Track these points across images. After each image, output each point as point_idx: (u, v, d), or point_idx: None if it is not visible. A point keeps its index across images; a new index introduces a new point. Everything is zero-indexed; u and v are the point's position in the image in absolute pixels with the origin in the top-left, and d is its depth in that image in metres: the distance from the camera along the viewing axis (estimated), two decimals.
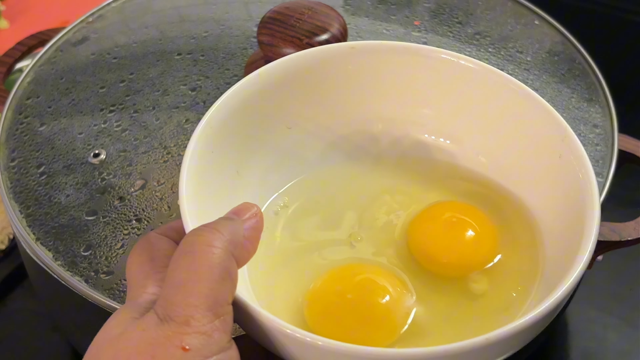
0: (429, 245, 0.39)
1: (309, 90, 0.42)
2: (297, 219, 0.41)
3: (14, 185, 0.48)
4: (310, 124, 0.43)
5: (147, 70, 0.54)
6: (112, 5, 0.61)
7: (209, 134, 0.38)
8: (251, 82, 0.40)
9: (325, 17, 0.48)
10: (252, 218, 0.33)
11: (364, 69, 0.42)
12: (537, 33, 0.58)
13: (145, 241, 0.34)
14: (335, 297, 0.37)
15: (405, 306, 0.37)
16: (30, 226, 0.46)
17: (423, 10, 0.59)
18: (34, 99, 0.54)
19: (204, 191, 0.37)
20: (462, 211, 0.40)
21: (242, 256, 0.32)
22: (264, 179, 0.41)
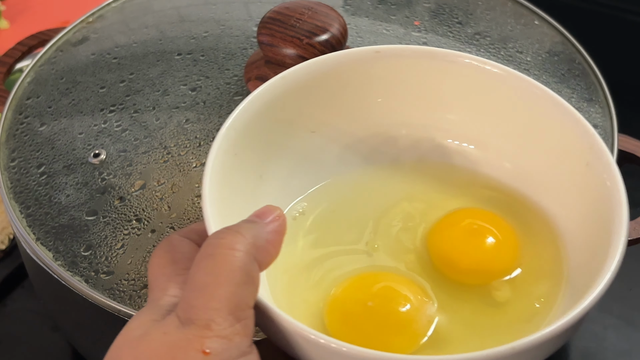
0: (450, 252, 0.39)
1: (332, 94, 0.42)
2: (317, 225, 0.41)
3: (14, 185, 0.48)
4: (333, 128, 0.43)
5: (147, 70, 0.54)
6: (112, 5, 0.61)
7: (232, 136, 0.38)
8: (275, 85, 0.40)
9: (325, 17, 0.48)
10: (275, 221, 0.33)
11: (388, 73, 0.42)
12: (537, 33, 0.58)
13: (166, 243, 0.34)
14: (356, 304, 0.37)
15: (426, 314, 0.36)
16: (30, 226, 0.46)
17: (423, 10, 0.59)
18: (34, 99, 0.54)
19: (226, 194, 0.36)
20: (485, 218, 0.40)
21: (264, 259, 0.32)
22: (286, 183, 0.41)
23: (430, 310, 0.37)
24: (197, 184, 0.46)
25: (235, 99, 0.50)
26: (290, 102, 0.41)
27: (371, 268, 0.39)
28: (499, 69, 0.41)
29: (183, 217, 0.45)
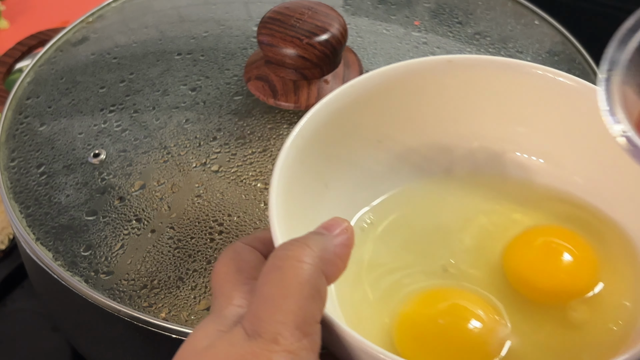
0: (527, 271, 0.38)
1: (401, 103, 0.41)
2: (385, 238, 0.40)
3: (14, 185, 0.48)
4: (402, 138, 0.42)
5: (147, 70, 0.53)
6: (112, 5, 0.61)
7: (300, 145, 0.37)
8: (344, 93, 0.39)
9: (325, 17, 0.48)
10: (343, 234, 0.32)
11: (460, 83, 0.41)
12: (537, 33, 0.58)
13: (231, 251, 0.34)
14: (427, 321, 0.36)
15: (499, 335, 0.35)
16: (30, 226, 0.46)
17: (423, 10, 0.59)
18: (34, 99, 0.54)
19: (292, 203, 0.36)
20: (562, 236, 0.39)
21: (332, 273, 0.31)
22: (353, 192, 0.40)
23: (503, 332, 0.36)
24: (197, 184, 0.46)
25: (235, 99, 0.50)
26: (358, 111, 0.40)
27: (443, 284, 0.38)
28: (573, 81, 0.39)
29: (183, 217, 0.45)
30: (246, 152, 0.47)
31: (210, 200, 0.45)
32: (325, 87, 0.49)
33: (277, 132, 0.48)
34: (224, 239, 0.44)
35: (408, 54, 0.54)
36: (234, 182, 0.46)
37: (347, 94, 0.39)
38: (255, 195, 0.45)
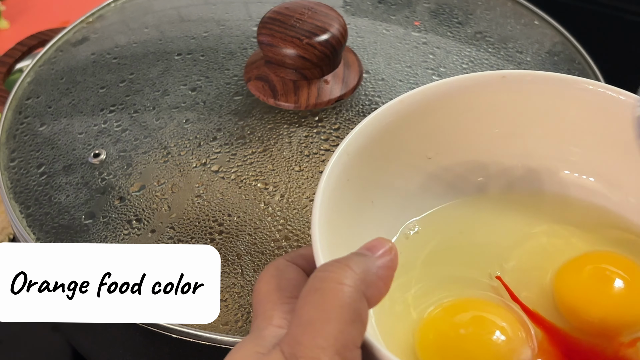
0: (575, 299, 0.36)
1: (451, 119, 0.40)
2: (430, 251, 0.39)
3: (14, 185, 0.48)
4: (451, 154, 0.41)
5: (147, 70, 0.54)
6: (112, 5, 0.61)
7: (345, 161, 0.36)
8: (392, 108, 0.38)
9: (325, 17, 0.48)
10: (386, 255, 0.31)
11: (513, 99, 0.40)
12: (537, 33, 0.58)
13: (273, 268, 0.33)
14: (448, 329, 0.35)
15: (522, 354, 0.34)
16: (30, 226, 0.46)
17: (423, 10, 0.59)
18: (34, 99, 0.54)
19: (336, 221, 0.35)
20: (616, 264, 0.37)
21: (374, 296, 0.30)
22: (399, 211, 0.39)
23: (527, 352, 0.34)
24: (197, 184, 0.46)
25: (235, 99, 0.50)
26: (407, 126, 0.39)
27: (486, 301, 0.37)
28: (631, 98, 0.38)
29: (183, 217, 0.45)
30: (246, 152, 0.47)
31: (210, 200, 0.45)
32: (325, 87, 0.49)
33: (277, 132, 0.48)
34: (224, 239, 0.44)
35: (408, 54, 0.54)
36: (234, 182, 0.46)
37: (396, 109, 0.38)
38: (255, 195, 0.45)
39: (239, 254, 0.43)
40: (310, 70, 0.48)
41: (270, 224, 0.44)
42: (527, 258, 0.38)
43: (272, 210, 0.45)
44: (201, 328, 0.41)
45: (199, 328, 0.41)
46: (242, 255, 0.43)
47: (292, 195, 0.45)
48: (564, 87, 0.39)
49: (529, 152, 0.41)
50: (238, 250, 0.43)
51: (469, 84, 0.39)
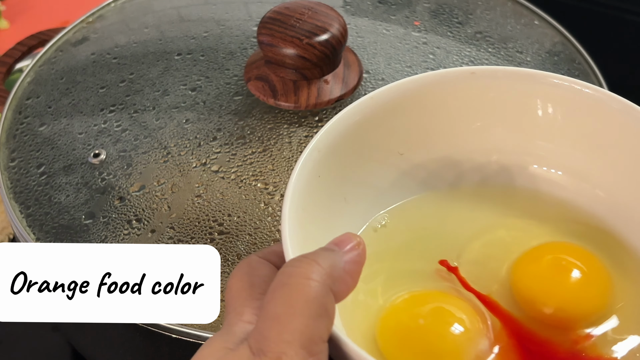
0: (532, 289, 0.36)
1: (422, 116, 0.40)
2: (393, 242, 0.39)
3: (14, 185, 0.48)
4: (421, 150, 0.41)
5: (147, 70, 0.54)
6: (112, 5, 0.61)
7: (316, 158, 0.36)
8: (362, 105, 0.38)
9: (325, 17, 0.48)
10: (354, 250, 0.32)
11: (483, 95, 0.40)
12: (537, 33, 0.58)
13: (246, 264, 0.33)
14: (408, 319, 0.35)
15: (480, 345, 0.34)
16: (30, 226, 0.46)
17: (423, 10, 0.59)
18: (34, 99, 0.54)
19: (307, 218, 0.35)
20: (575, 255, 0.37)
21: (341, 290, 0.31)
22: (370, 206, 0.40)
23: (485, 343, 0.34)
24: (197, 184, 0.46)
25: (235, 99, 0.50)
26: (378, 123, 0.39)
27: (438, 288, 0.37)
28: (599, 92, 0.38)
29: (183, 217, 0.45)
30: (246, 152, 0.47)
31: (210, 200, 0.45)
32: (325, 87, 0.49)
33: (277, 132, 0.48)
34: (224, 239, 0.44)
35: (408, 54, 0.54)
36: (234, 182, 0.46)
37: (366, 106, 0.38)
38: (255, 195, 0.45)
39: (239, 254, 0.43)
40: (310, 70, 0.48)
41: (270, 224, 0.44)
42: (487, 250, 0.39)
43: (272, 210, 0.45)
44: (201, 328, 0.41)
45: (199, 328, 0.41)
46: (242, 255, 0.43)
47: None
48: (531, 83, 0.40)
49: (499, 147, 0.41)
50: (238, 250, 0.43)
51: (439, 81, 0.40)
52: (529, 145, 0.41)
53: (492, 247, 0.39)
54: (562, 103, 0.39)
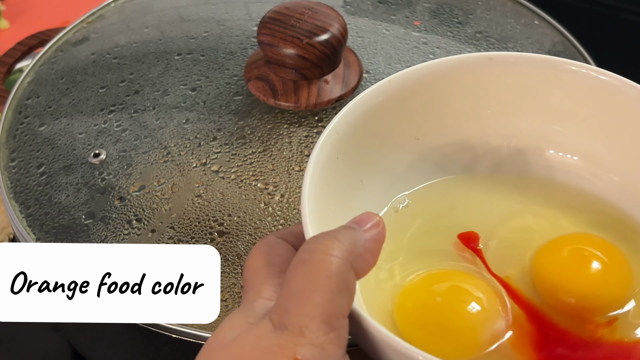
0: (552, 280, 0.37)
1: (439, 100, 0.41)
2: (420, 225, 0.40)
3: (14, 185, 0.48)
4: (439, 135, 0.41)
5: (147, 70, 0.54)
6: (112, 5, 0.61)
7: (335, 140, 0.37)
8: (381, 89, 0.39)
9: (325, 17, 0.48)
10: (374, 228, 0.32)
11: (499, 80, 0.41)
12: (537, 33, 0.58)
13: (264, 244, 0.34)
14: (425, 296, 0.36)
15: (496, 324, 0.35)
16: (30, 226, 0.46)
17: (423, 10, 0.59)
18: (34, 99, 0.54)
19: (326, 198, 0.36)
20: (596, 246, 0.38)
21: (361, 267, 0.31)
22: (388, 188, 0.40)
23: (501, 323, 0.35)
24: (197, 184, 0.46)
25: (235, 99, 0.50)
26: (396, 107, 0.39)
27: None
28: (614, 79, 0.39)
29: (183, 217, 0.45)
30: (246, 152, 0.47)
31: (210, 200, 0.45)
32: (325, 87, 0.49)
33: (277, 132, 0.48)
34: (224, 239, 0.44)
35: (408, 54, 0.54)
36: (234, 182, 0.46)
37: (385, 89, 0.39)
38: (255, 195, 0.45)
39: (239, 254, 0.43)
40: (310, 70, 0.48)
41: (270, 224, 0.44)
42: (510, 236, 0.39)
43: (272, 210, 0.45)
44: (201, 328, 0.41)
45: (199, 328, 0.41)
46: (242, 255, 0.43)
47: (292, 195, 0.45)
48: (548, 69, 0.40)
49: (515, 132, 0.42)
50: (238, 250, 0.43)
51: (457, 65, 0.40)
52: (545, 130, 0.41)
53: (516, 234, 0.39)
54: (578, 89, 0.40)
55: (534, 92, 0.41)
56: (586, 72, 0.40)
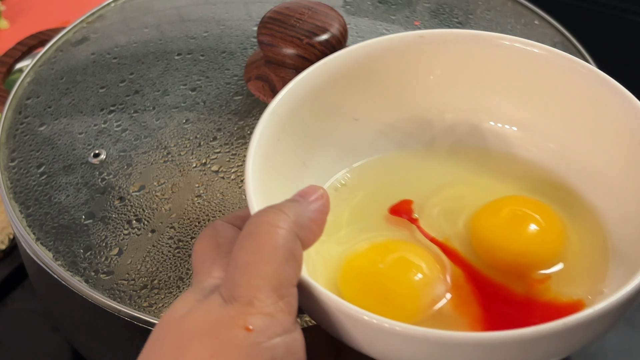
0: (490, 237, 0.38)
1: (375, 80, 0.41)
2: (358, 199, 0.41)
3: (14, 185, 0.48)
4: (379, 114, 0.42)
5: (147, 70, 0.54)
6: (112, 5, 0.61)
7: (276, 122, 0.37)
8: (318, 71, 0.40)
9: (325, 17, 0.48)
10: (318, 200, 0.33)
11: (432, 58, 0.42)
12: (537, 33, 0.58)
13: (211, 228, 0.34)
14: (368, 264, 0.37)
15: (436, 289, 0.36)
16: (30, 226, 0.46)
17: (423, 10, 0.59)
18: (34, 99, 0.54)
19: (269, 180, 0.36)
20: (529, 207, 0.39)
21: (307, 237, 0.32)
22: (329, 171, 0.41)
23: (441, 287, 0.36)
24: (197, 184, 0.46)
25: (235, 98, 0.50)
26: (333, 88, 0.40)
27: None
28: (544, 50, 0.40)
29: (183, 217, 0.45)
30: (246, 152, 0.47)
31: (210, 200, 0.45)
32: None
33: None
34: None
35: None
36: (234, 182, 0.46)
37: (322, 71, 0.40)
38: None
39: None
40: None
41: None
42: (445, 204, 0.40)
43: None
44: None
45: None
46: None
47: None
48: (479, 44, 0.41)
49: (451, 106, 0.43)
50: None
51: (389, 45, 0.41)
52: (481, 103, 0.43)
53: (451, 201, 0.41)
54: (511, 62, 0.41)
55: (467, 67, 0.42)
56: (520, 46, 0.41)
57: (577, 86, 0.40)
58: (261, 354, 0.28)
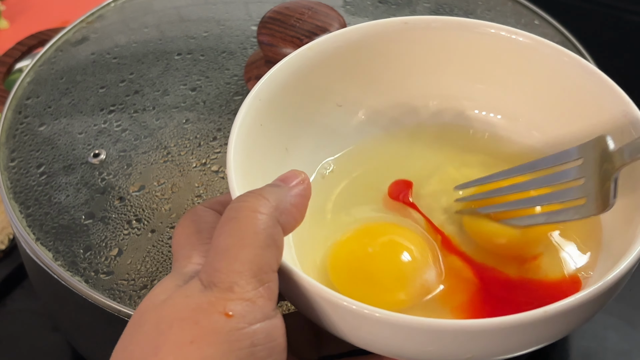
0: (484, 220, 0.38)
1: (359, 66, 0.41)
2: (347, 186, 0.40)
3: (14, 185, 0.48)
4: (359, 100, 0.42)
5: (147, 70, 0.54)
6: (112, 5, 0.61)
7: (258, 107, 0.37)
8: (301, 56, 0.39)
9: (325, 17, 0.48)
10: (299, 185, 0.33)
11: (417, 44, 0.42)
12: (537, 33, 0.57)
13: (192, 214, 0.34)
14: (358, 248, 0.37)
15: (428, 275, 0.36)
16: (30, 226, 0.46)
17: (423, 10, 0.59)
18: (34, 99, 0.54)
19: (251, 165, 0.36)
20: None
21: (289, 223, 0.31)
22: (312, 157, 0.41)
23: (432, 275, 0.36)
24: (197, 184, 0.46)
25: (235, 98, 0.50)
26: (316, 73, 0.40)
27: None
28: (528, 38, 0.40)
29: None
30: None
31: None
32: None
33: None
34: None
35: None
36: None
37: (306, 56, 0.40)
38: None
39: None
40: None
41: None
42: (439, 186, 0.40)
43: None
44: None
45: None
46: None
47: None
48: (463, 31, 0.41)
49: (435, 93, 0.43)
50: None
51: (373, 31, 0.41)
52: (465, 90, 0.43)
53: (443, 184, 0.41)
54: (495, 49, 0.41)
55: (451, 54, 0.42)
56: (498, 32, 0.41)
57: (561, 74, 0.40)
58: (241, 340, 0.28)
